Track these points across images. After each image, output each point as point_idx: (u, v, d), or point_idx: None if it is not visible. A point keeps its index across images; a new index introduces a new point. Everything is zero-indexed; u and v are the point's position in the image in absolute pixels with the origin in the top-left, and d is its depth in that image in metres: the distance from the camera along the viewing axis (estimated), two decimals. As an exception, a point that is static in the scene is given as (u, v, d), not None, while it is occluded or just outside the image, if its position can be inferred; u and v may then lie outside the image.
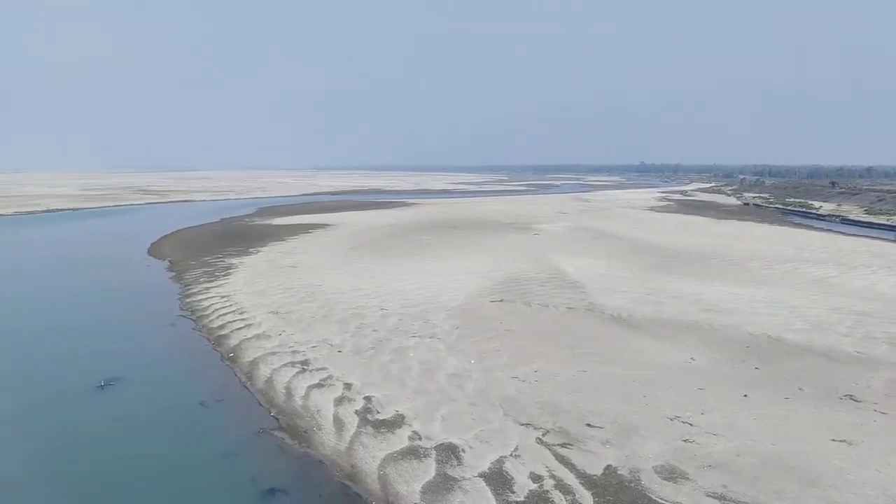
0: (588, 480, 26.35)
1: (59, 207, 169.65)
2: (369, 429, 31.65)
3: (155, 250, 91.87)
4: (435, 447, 29.53)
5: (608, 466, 27.47)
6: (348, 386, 36.85)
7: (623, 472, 27.00)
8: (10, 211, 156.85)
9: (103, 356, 44.12)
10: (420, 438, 30.44)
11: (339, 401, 34.90)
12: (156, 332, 50.16)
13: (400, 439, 30.43)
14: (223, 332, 48.42)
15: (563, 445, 29.44)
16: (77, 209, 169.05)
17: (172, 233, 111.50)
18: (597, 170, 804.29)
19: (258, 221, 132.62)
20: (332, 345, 44.48)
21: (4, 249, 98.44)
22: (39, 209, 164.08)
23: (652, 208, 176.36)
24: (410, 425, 31.81)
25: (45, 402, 36.22)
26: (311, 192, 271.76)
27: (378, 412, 33.40)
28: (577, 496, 25.17)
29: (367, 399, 34.98)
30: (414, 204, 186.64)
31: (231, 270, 72.99)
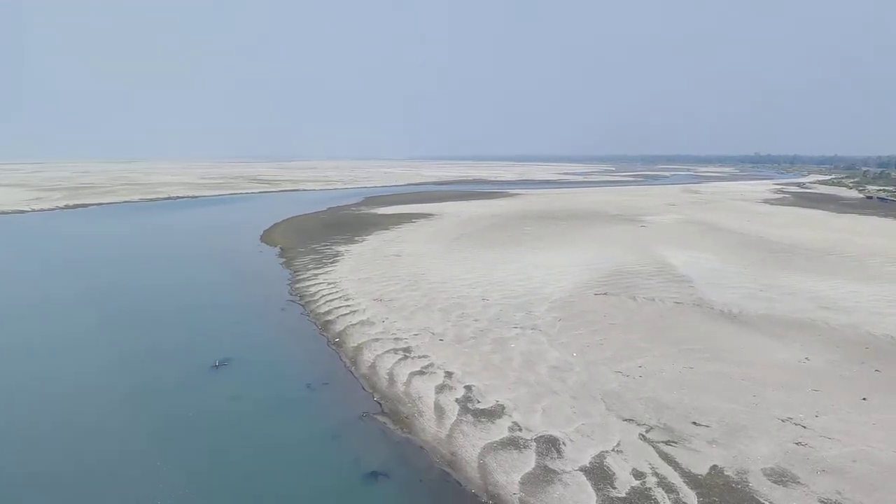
0: (693, 480, 25.75)
1: (180, 195, 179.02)
2: (469, 417, 31.98)
3: (267, 237, 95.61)
4: (535, 439, 29.56)
5: (714, 466, 26.76)
6: (449, 374, 37.31)
7: (730, 472, 26.23)
8: (137, 198, 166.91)
9: (218, 337, 46.46)
10: (520, 429, 30.52)
11: (440, 389, 35.41)
12: (267, 315, 52.26)
13: (500, 429, 30.62)
14: (329, 318, 49.92)
15: (667, 443, 28.87)
16: (196, 197, 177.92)
17: (283, 221, 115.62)
18: (708, 160, 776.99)
19: (364, 211, 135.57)
20: (433, 333, 45.09)
21: (130, 236, 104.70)
22: (162, 196, 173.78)
23: (766, 201, 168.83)
24: (510, 416, 31.94)
25: (165, 379, 38.55)
26: (416, 182, 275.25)
27: (478, 401, 33.68)
28: (680, 495, 24.66)
29: (468, 388, 35.33)
30: (517, 194, 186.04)
31: (337, 258, 75.05)
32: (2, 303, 57.35)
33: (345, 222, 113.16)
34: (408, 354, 40.88)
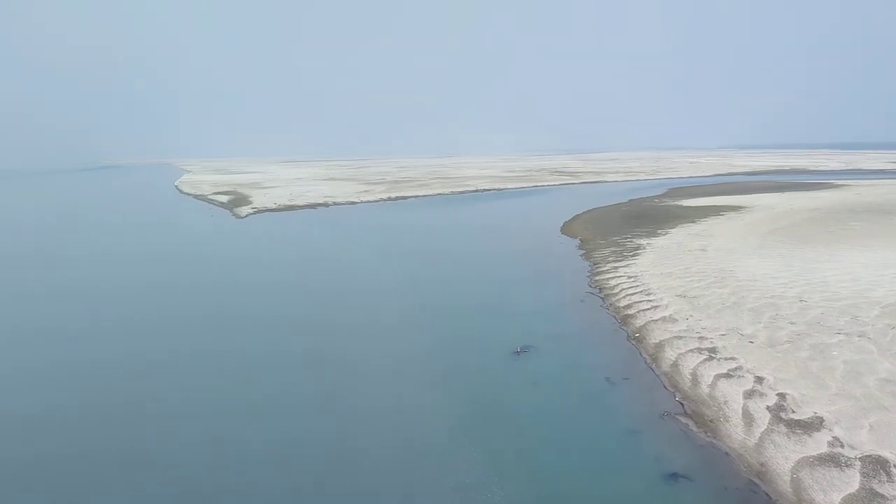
0: None
1: (486, 188, 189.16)
2: (782, 427, 29.67)
3: (567, 229, 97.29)
4: (860, 458, 26.55)
5: None
6: (759, 380, 34.89)
7: None
8: (447, 191, 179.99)
9: (521, 325, 48.44)
10: (842, 446, 27.61)
11: (749, 394, 33.29)
12: (566, 306, 53.32)
13: (817, 443, 27.98)
14: (629, 312, 49.41)
15: None
16: (500, 189, 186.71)
17: (583, 213, 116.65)
18: None
19: (667, 202, 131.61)
20: (742, 334, 42.43)
21: (442, 227, 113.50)
22: (470, 189, 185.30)
23: None
24: (831, 430, 29.01)
25: (474, 361, 41.33)
26: (725, 172, 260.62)
27: (793, 411, 31.08)
28: None
29: (781, 396, 32.74)
30: (842, 185, 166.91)
31: (638, 251, 73.87)
32: (333, 286, 65.58)
33: (646, 214, 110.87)
34: (713, 355, 39.00)
